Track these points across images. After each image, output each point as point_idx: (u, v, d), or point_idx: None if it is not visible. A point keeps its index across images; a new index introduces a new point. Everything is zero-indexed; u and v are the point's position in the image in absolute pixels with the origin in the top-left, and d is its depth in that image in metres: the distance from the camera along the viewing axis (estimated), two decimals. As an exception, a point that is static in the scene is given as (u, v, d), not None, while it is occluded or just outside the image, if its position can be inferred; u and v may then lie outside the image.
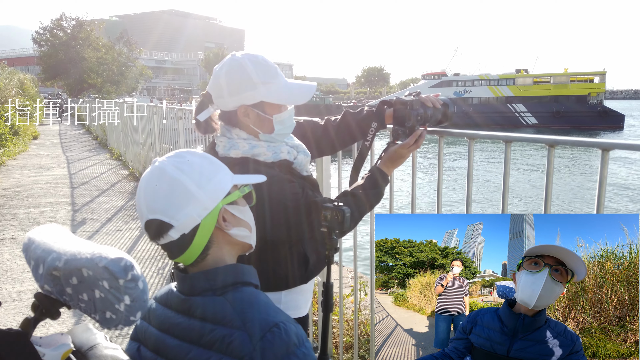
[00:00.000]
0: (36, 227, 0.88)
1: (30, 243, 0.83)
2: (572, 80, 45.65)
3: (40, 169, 9.78)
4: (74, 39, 31.17)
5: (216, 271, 0.97)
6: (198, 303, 0.95)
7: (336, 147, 1.86)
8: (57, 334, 0.82)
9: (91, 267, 0.72)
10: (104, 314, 0.75)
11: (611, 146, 1.22)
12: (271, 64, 1.49)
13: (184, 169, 0.98)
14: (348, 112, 1.82)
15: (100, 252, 0.73)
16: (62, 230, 0.87)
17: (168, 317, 0.99)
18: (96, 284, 0.73)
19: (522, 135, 1.47)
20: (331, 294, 1.53)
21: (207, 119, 1.53)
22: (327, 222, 1.43)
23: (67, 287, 0.75)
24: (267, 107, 1.47)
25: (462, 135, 1.63)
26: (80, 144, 14.71)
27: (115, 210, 6.50)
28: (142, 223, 0.98)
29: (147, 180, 0.98)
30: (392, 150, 1.60)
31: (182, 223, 0.95)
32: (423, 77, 53.68)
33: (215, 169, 1.02)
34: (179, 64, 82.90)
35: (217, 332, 0.90)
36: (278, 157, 1.51)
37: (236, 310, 0.91)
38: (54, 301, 0.78)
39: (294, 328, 0.91)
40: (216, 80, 1.47)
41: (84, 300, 0.75)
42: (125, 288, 0.73)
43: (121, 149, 10.88)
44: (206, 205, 0.97)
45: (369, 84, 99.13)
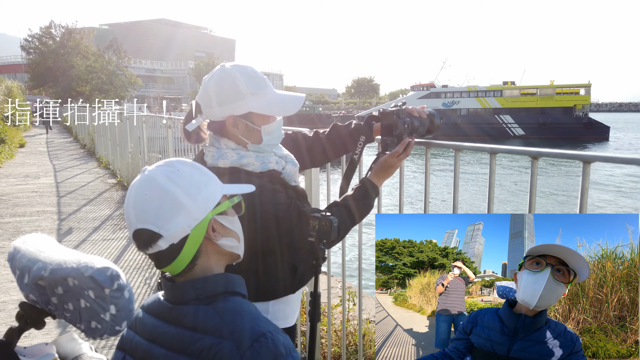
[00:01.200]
0: (22, 236, 0.87)
1: (15, 252, 0.83)
2: (558, 93, 46.43)
3: (26, 178, 9.67)
4: (63, 47, 31.04)
5: (204, 280, 0.98)
6: (185, 312, 0.95)
7: (326, 158, 1.87)
8: (41, 344, 0.82)
9: (77, 276, 0.72)
10: (89, 323, 0.75)
11: (592, 159, 1.25)
12: (260, 75, 1.51)
13: (174, 178, 0.97)
14: (337, 124, 1.84)
15: (87, 262, 0.73)
16: (48, 239, 0.87)
17: (155, 326, 0.98)
18: (82, 294, 0.73)
19: (506, 147, 1.49)
20: (318, 303, 1.53)
21: (196, 128, 1.54)
22: (315, 232, 1.44)
23: (52, 296, 0.75)
24: (256, 118, 1.49)
25: (448, 146, 1.66)
26: (67, 152, 14.57)
27: (103, 219, 6.44)
28: (131, 232, 0.98)
29: (137, 189, 0.98)
30: (382, 160, 1.62)
31: (172, 233, 0.95)
32: (412, 88, 54.16)
33: (206, 180, 1.02)
34: (169, 72, 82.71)
35: (205, 341, 0.90)
36: (266, 167, 1.52)
37: (224, 320, 0.92)
38: (39, 311, 0.77)
39: (281, 338, 0.92)
40: (205, 91, 1.48)
41: (70, 310, 0.75)
42: (111, 297, 0.73)
43: (109, 158, 10.80)
44: (196, 216, 0.97)
45: (358, 95, 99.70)
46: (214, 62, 67.23)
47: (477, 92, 48.82)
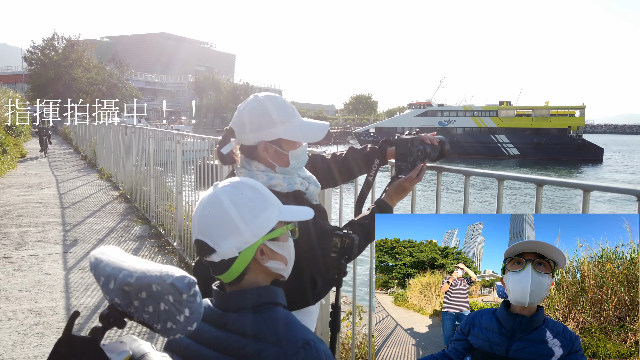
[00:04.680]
0: (99, 247, 1.00)
1: (98, 262, 0.95)
2: (553, 114, 47.03)
3: (29, 188, 9.74)
4: (65, 59, 31.27)
5: (252, 292, 1.10)
6: (235, 319, 1.07)
7: (342, 179, 2.01)
8: (117, 342, 0.93)
9: (160, 283, 0.84)
10: (165, 324, 0.87)
11: (592, 188, 1.39)
12: (289, 104, 1.66)
13: (236, 202, 1.09)
14: (352, 148, 1.99)
15: (167, 271, 0.86)
16: (121, 250, 1.00)
17: (204, 330, 1.10)
18: (162, 298, 0.85)
19: (514, 175, 1.63)
20: (339, 315, 1.66)
21: (230, 151, 1.68)
22: (337, 249, 1.57)
23: (135, 300, 0.87)
24: (284, 144, 1.63)
25: (459, 172, 1.80)
26: (68, 164, 14.65)
27: (107, 231, 6.52)
28: (193, 239, 1.13)
29: (204, 204, 1.11)
30: (396, 184, 1.76)
31: (224, 251, 1.08)
32: (409, 106, 54.67)
33: (265, 205, 1.13)
34: (169, 86, 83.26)
35: (253, 346, 1.02)
36: (292, 187, 1.66)
37: (271, 328, 1.04)
38: (122, 313, 0.90)
39: (322, 346, 1.03)
40: (239, 118, 1.63)
41: (149, 312, 0.87)
42: (187, 302, 0.85)
43: (111, 170, 10.89)
44: (247, 240, 1.09)
45: (356, 111, 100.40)
46: (213, 77, 67.75)
47: (473, 112, 49.40)
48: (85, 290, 4.33)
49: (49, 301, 4.11)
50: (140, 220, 7.09)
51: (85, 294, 4.27)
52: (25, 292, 4.28)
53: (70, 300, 4.15)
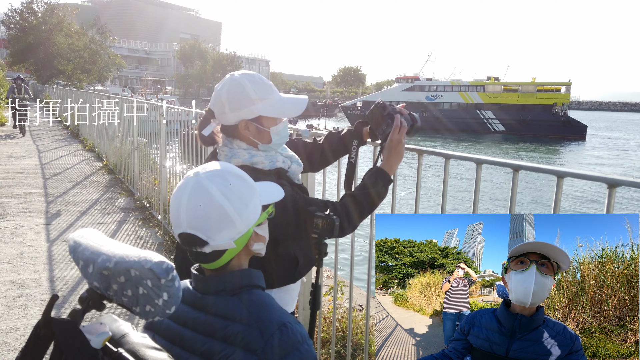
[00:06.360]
0: (78, 230, 1.01)
1: (77, 245, 0.96)
2: (539, 90, 47.31)
3: (10, 158, 9.56)
4: (44, 23, 30.22)
5: (232, 275, 1.12)
6: (214, 302, 1.10)
7: (324, 162, 2.03)
8: (96, 323, 0.95)
9: (138, 268, 0.86)
10: (144, 307, 0.89)
11: (564, 174, 1.42)
12: (266, 81, 1.65)
13: (227, 194, 1.08)
14: (331, 132, 2.00)
15: (146, 256, 0.87)
16: (101, 234, 1.01)
17: (184, 311, 1.13)
18: (141, 282, 0.87)
19: (492, 159, 1.67)
20: (319, 294, 1.70)
21: (211, 132, 1.68)
22: (318, 230, 1.60)
23: (113, 284, 0.89)
24: (265, 121, 1.63)
25: (439, 154, 1.82)
26: (50, 133, 14.37)
27: (90, 203, 6.48)
28: (177, 232, 1.11)
29: (190, 198, 1.08)
30: (387, 143, 1.71)
31: (218, 244, 1.09)
32: (397, 80, 54.46)
33: (251, 193, 1.13)
34: (153, 54, 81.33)
35: (232, 328, 1.05)
36: (274, 165, 1.67)
37: (249, 310, 1.07)
38: (100, 296, 0.91)
39: (298, 327, 1.07)
40: (217, 98, 1.62)
41: (128, 296, 0.89)
42: (165, 286, 0.87)
43: (94, 141, 10.72)
44: (240, 230, 1.10)
45: (344, 84, 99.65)
46: (199, 45, 66.27)
47: (461, 87, 49.45)
48: (69, 263, 4.33)
49: (32, 273, 4.10)
50: (125, 193, 7.05)
51: (68, 266, 4.27)
52: (8, 264, 4.26)
53: (53, 272, 4.15)
